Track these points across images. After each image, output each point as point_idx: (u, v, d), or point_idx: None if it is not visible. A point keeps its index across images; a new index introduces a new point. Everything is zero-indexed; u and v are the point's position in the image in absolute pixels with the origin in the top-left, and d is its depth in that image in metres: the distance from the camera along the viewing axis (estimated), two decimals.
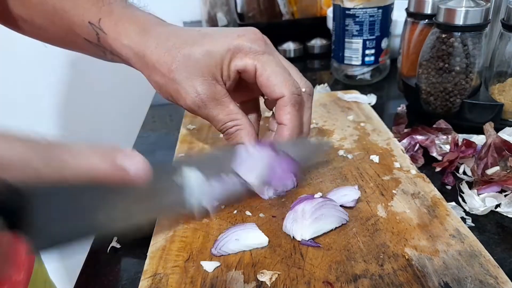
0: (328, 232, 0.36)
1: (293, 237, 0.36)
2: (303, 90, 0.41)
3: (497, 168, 0.42)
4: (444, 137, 0.51)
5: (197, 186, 0.36)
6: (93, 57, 0.47)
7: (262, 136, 0.44)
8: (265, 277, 0.32)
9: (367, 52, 0.70)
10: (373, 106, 0.60)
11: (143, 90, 0.90)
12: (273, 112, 0.42)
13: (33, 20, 0.46)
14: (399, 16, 0.70)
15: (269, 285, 0.31)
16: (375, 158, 0.46)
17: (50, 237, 0.29)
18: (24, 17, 0.46)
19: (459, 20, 0.50)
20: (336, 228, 0.37)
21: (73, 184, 0.25)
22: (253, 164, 0.39)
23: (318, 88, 0.70)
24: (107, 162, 0.26)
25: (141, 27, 0.41)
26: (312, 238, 0.35)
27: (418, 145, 0.51)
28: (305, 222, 0.35)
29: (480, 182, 0.43)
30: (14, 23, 0.48)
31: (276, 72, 0.39)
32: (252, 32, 0.40)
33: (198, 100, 0.39)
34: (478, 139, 0.49)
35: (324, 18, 0.89)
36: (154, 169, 0.29)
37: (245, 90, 0.43)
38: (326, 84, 0.71)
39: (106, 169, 0.26)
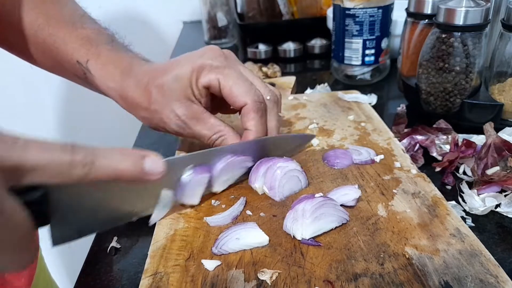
0: (328, 231, 0.36)
1: (294, 236, 0.36)
2: (267, 97, 0.44)
3: (497, 168, 0.42)
4: (444, 137, 0.51)
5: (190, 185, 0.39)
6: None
7: None
8: (266, 276, 0.32)
9: (367, 52, 0.70)
10: (373, 106, 0.60)
11: None
12: None
13: (27, 51, 0.49)
14: (399, 16, 0.70)
15: (270, 284, 0.31)
16: (378, 158, 0.46)
17: (73, 229, 0.32)
18: (21, 47, 0.49)
19: (459, 20, 0.50)
20: (336, 227, 0.37)
21: (99, 182, 0.28)
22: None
23: (318, 88, 0.70)
24: (133, 165, 0.29)
25: (123, 69, 0.44)
26: (312, 237, 0.35)
27: (418, 145, 0.51)
28: (305, 221, 0.35)
29: (480, 182, 0.43)
30: (16, 51, 0.51)
31: (237, 83, 0.42)
32: (211, 50, 0.44)
33: (180, 122, 0.43)
34: (478, 139, 0.49)
35: (324, 18, 0.89)
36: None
37: (223, 105, 0.46)
38: (326, 84, 0.71)
39: (131, 170, 0.29)
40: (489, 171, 0.42)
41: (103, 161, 0.28)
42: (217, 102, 0.46)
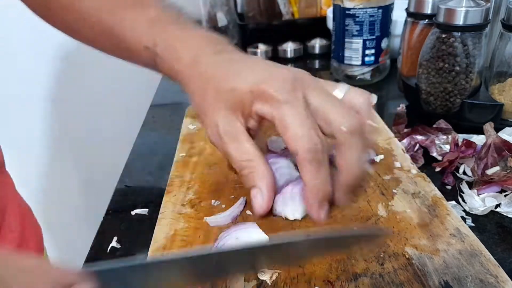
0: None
1: (286, 217, 0.36)
2: (343, 129, 0.36)
3: (497, 168, 0.42)
4: (444, 137, 0.51)
5: None
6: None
7: None
8: (266, 275, 0.32)
9: (367, 52, 0.70)
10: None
11: (143, 89, 0.90)
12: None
13: (96, 40, 0.47)
14: (399, 16, 0.70)
15: (270, 284, 0.31)
16: (378, 158, 0.46)
17: None
18: (89, 36, 0.48)
19: (459, 20, 0.50)
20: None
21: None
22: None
23: None
24: None
25: (192, 55, 0.41)
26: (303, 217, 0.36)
27: (418, 145, 0.51)
28: (295, 202, 0.35)
29: (480, 182, 0.43)
30: (85, 40, 0.49)
31: (291, 125, 0.35)
32: (281, 75, 0.37)
33: (216, 132, 0.39)
34: (478, 139, 0.49)
35: (324, 18, 0.89)
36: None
37: None
38: None
39: None
40: (489, 171, 0.42)
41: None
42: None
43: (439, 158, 0.49)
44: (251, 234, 0.36)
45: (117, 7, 0.45)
